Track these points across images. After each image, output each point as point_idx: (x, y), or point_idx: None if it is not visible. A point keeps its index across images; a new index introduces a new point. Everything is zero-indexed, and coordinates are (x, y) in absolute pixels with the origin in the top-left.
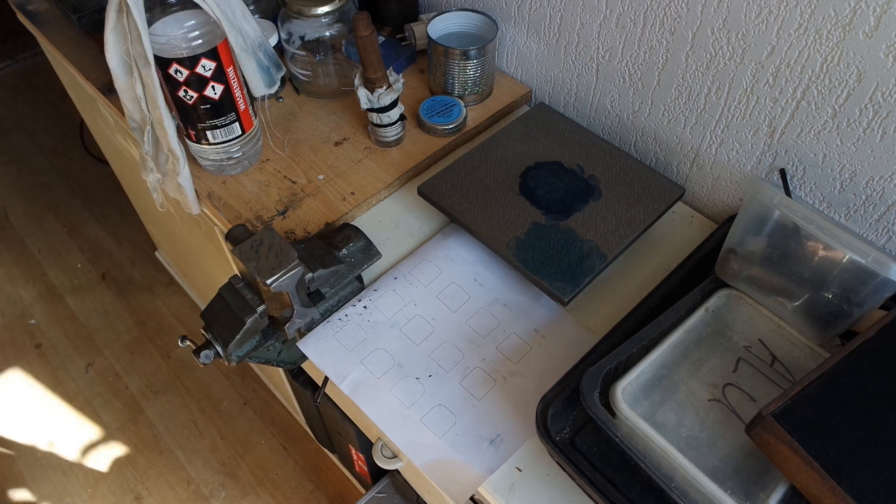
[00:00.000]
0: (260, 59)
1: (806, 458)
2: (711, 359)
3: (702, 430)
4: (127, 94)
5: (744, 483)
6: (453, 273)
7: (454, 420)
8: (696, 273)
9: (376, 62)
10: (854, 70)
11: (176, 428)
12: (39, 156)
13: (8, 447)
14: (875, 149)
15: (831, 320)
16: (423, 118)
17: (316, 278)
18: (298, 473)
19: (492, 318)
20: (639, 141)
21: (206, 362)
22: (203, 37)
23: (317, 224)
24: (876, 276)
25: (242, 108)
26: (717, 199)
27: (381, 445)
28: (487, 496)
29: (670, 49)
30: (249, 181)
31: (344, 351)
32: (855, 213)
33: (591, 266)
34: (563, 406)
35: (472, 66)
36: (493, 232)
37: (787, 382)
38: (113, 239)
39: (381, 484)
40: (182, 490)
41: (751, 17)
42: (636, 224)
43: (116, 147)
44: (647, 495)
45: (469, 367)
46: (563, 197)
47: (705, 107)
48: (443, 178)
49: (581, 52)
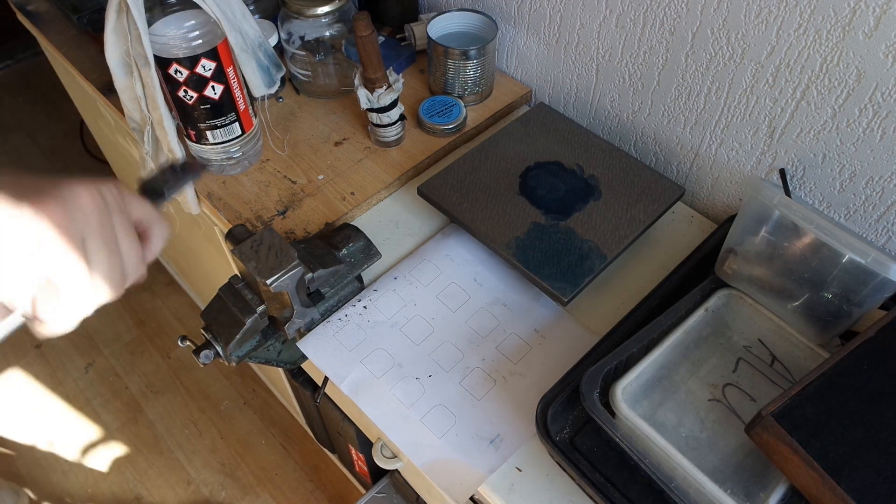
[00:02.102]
0: (260, 59)
1: (806, 458)
2: (711, 359)
3: (702, 430)
4: (127, 94)
5: (744, 483)
6: (453, 273)
7: (454, 420)
8: (696, 273)
9: (376, 62)
10: (854, 70)
11: (176, 428)
12: (39, 156)
13: (8, 447)
14: (875, 149)
15: (831, 320)
16: (423, 118)
17: (316, 278)
18: (298, 473)
19: (492, 318)
20: (639, 141)
21: (206, 362)
22: (203, 37)
23: (317, 224)
24: (876, 276)
25: (242, 108)
26: (717, 199)
27: (381, 445)
28: (487, 496)
29: (670, 49)
30: (249, 181)
31: (344, 351)
32: (855, 213)
33: (591, 266)
34: (563, 406)
35: (472, 66)
36: (492, 232)
37: (787, 382)
38: None
39: (381, 484)
40: (182, 490)
41: (750, 17)
42: (636, 224)
43: (116, 147)
44: (647, 495)
45: (469, 367)
46: (563, 197)
47: (705, 107)
48: (443, 178)
49: (581, 52)
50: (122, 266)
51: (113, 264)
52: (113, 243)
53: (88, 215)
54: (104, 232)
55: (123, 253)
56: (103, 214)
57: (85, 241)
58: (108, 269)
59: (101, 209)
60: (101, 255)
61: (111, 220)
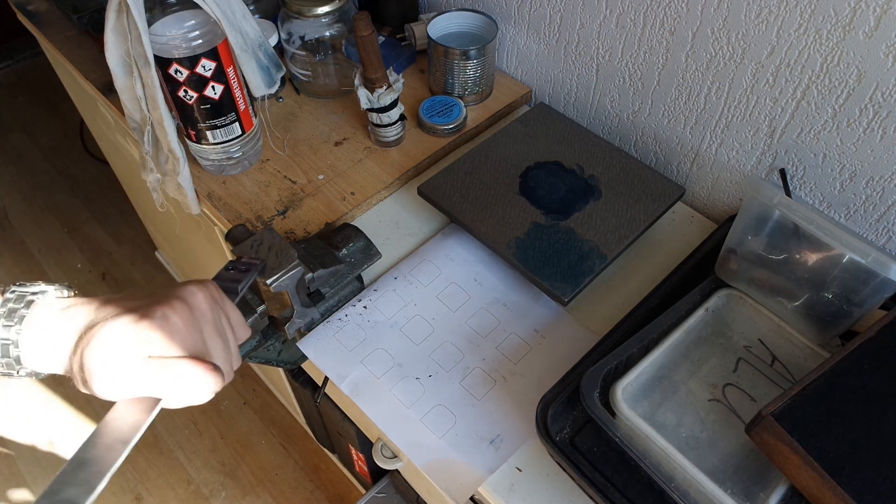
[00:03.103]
0: (260, 59)
1: (806, 458)
2: (711, 359)
3: (702, 430)
4: (127, 94)
5: (744, 483)
6: (453, 273)
7: (454, 420)
8: (696, 273)
9: (376, 62)
10: (854, 70)
11: (176, 428)
12: (39, 156)
13: (8, 447)
14: (875, 149)
15: (831, 320)
16: (423, 118)
17: (316, 278)
18: (298, 473)
19: (492, 318)
20: (639, 141)
21: None
22: (203, 37)
23: (317, 224)
24: (876, 276)
25: (242, 108)
26: (717, 199)
27: (381, 445)
28: (487, 496)
29: (670, 49)
30: (249, 181)
31: (344, 351)
32: (855, 213)
33: (591, 266)
34: (563, 406)
35: (472, 66)
36: (493, 232)
37: (787, 382)
38: (113, 239)
39: (381, 484)
40: (182, 490)
41: (751, 17)
42: (636, 224)
43: (116, 147)
44: (647, 495)
45: (469, 367)
46: (563, 197)
47: (705, 107)
48: (443, 178)
49: (581, 52)
50: (230, 352)
51: (225, 350)
52: (223, 333)
53: (204, 311)
54: (217, 324)
55: (230, 341)
56: (214, 310)
57: (203, 332)
58: (222, 355)
59: (212, 305)
60: (217, 343)
61: (219, 315)
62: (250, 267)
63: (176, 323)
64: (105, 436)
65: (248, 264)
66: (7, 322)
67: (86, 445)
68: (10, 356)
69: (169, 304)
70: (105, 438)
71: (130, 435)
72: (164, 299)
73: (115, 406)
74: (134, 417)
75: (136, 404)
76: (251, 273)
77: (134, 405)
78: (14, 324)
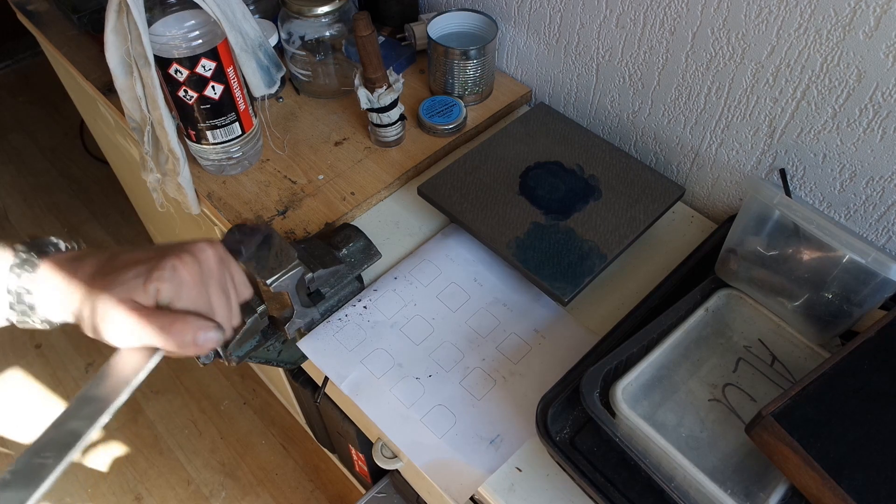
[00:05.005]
0: (260, 59)
1: (806, 458)
2: (711, 359)
3: (702, 430)
4: (127, 94)
5: (744, 483)
6: (453, 273)
7: (454, 420)
8: (696, 273)
9: (376, 62)
10: (854, 70)
11: (176, 428)
12: (39, 156)
13: (8, 447)
14: (875, 149)
15: (831, 320)
16: (423, 118)
17: (316, 278)
18: (298, 473)
19: (492, 318)
20: (639, 141)
21: (207, 362)
22: (203, 37)
23: (317, 224)
24: (876, 276)
25: (242, 108)
26: (717, 199)
27: (381, 445)
28: (487, 496)
29: (670, 49)
30: (249, 181)
31: (344, 351)
32: (855, 213)
33: (591, 266)
34: (563, 406)
35: (472, 66)
36: (493, 232)
37: (787, 382)
38: (113, 239)
39: (381, 484)
40: (182, 490)
41: (751, 17)
42: (636, 224)
43: (116, 147)
44: (647, 495)
45: (469, 367)
46: (563, 197)
47: (705, 107)
48: (443, 178)
49: (581, 52)
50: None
51: (227, 308)
52: (227, 291)
53: (212, 268)
54: (222, 282)
55: (233, 299)
56: (221, 268)
57: (208, 287)
58: (224, 312)
59: (219, 263)
60: (220, 300)
61: (225, 273)
62: (255, 231)
63: (184, 276)
64: (109, 377)
65: (254, 228)
66: (21, 270)
67: (91, 385)
68: (25, 303)
69: (179, 257)
70: (109, 379)
71: (132, 377)
72: (175, 252)
73: (119, 351)
74: (136, 362)
75: (138, 350)
76: (256, 236)
77: (136, 351)
78: (28, 272)
